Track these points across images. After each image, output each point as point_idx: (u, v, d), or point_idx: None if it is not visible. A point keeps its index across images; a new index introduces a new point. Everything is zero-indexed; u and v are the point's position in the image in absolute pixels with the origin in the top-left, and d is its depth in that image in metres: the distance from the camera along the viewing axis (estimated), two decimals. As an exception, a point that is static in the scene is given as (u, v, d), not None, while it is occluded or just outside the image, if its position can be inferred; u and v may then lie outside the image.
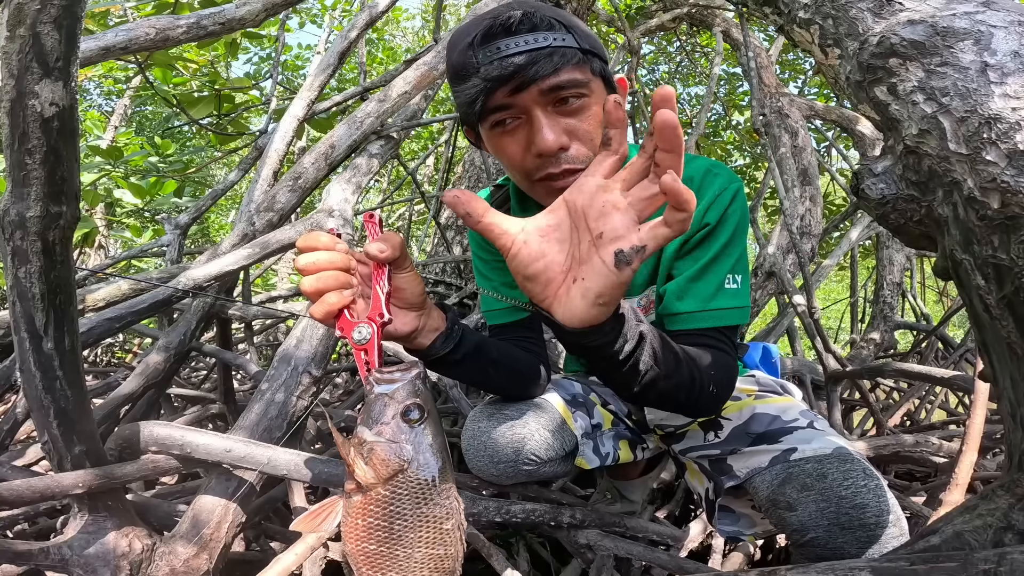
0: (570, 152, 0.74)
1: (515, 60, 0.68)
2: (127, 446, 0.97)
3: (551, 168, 0.74)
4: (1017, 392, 0.51)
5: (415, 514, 0.52)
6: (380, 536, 0.52)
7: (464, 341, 0.76)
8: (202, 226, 8.64)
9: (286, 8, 1.77)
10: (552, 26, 0.71)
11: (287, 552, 0.94)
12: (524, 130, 0.74)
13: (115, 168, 2.89)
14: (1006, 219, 0.45)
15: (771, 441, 0.85)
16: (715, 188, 0.82)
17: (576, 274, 0.54)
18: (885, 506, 0.73)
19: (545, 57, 0.69)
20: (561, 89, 0.71)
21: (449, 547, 0.53)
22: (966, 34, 0.49)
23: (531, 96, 0.71)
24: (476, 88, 0.70)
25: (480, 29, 0.71)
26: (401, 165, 2.63)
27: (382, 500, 0.52)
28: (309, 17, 6.04)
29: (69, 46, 0.65)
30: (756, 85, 1.93)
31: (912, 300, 3.59)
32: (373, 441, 0.52)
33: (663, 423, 1.02)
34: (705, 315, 0.80)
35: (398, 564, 0.52)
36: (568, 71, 0.70)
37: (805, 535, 0.75)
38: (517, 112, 0.73)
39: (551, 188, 0.75)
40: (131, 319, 1.30)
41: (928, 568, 0.47)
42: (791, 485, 0.78)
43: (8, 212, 0.69)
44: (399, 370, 0.56)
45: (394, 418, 0.53)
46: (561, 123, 0.73)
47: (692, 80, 6.23)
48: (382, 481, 0.52)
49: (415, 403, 0.54)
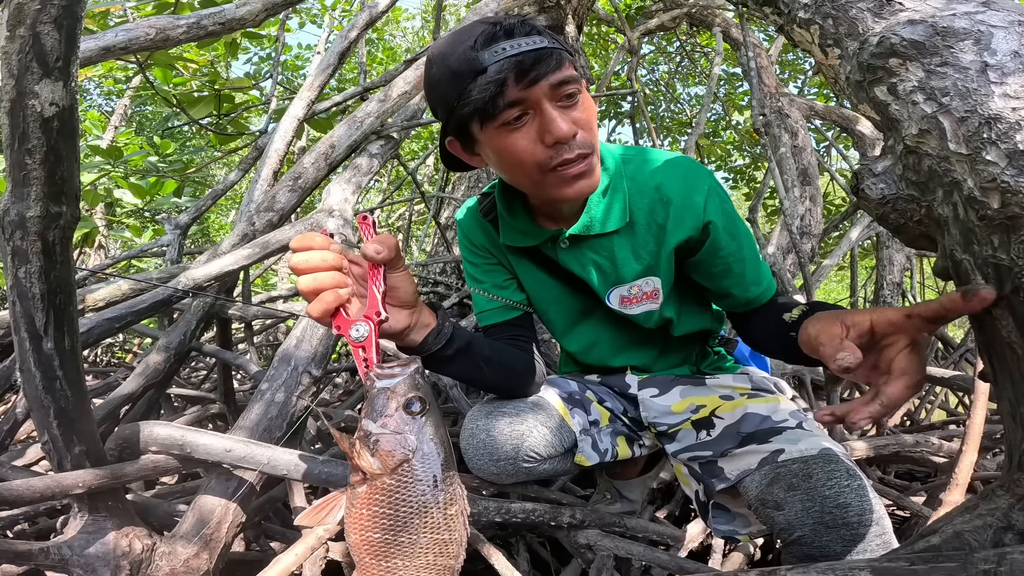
0: (578, 139, 0.78)
1: (525, 58, 0.73)
2: (127, 446, 0.97)
3: (566, 154, 0.78)
4: (1017, 392, 0.51)
5: (420, 501, 0.54)
6: (385, 524, 0.54)
7: (455, 338, 0.81)
8: (202, 226, 8.64)
9: (286, 8, 1.77)
10: (542, 32, 0.77)
11: (287, 552, 0.94)
12: (534, 124, 0.77)
13: (115, 168, 2.89)
14: (1006, 219, 0.45)
15: (760, 442, 0.88)
16: (699, 184, 0.88)
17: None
18: (868, 505, 0.76)
19: (547, 56, 0.73)
20: (565, 84, 0.75)
21: (454, 532, 0.55)
22: (966, 34, 0.49)
23: (542, 90, 0.74)
24: (491, 83, 0.73)
25: (479, 34, 0.74)
26: (401, 165, 2.63)
27: (387, 489, 0.54)
28: (309, 17, 6.04)
29: (69, 46, 0.65)
30: (756, 85, 1.93)
31: (912, 300, 3.58)
32: (378, 433, 0.54)
33: (656, 421, 1.03)
34: (766, 293, 0.93)
35: (402, 551, 0.54)
36: (566, 68, 0.76)
37: (792, 534, 0.77)
38: (528, 107, 0.76)
39: (565, 176, 0.79)
40: (131, 319, 1.30)
41: (928, 568, 0.47)
42: (778, 485, 0.80)
43: (8, 212, 0.69)
44: (398, 365, 0.58)
45: (397, 410, 0.55)
46: (568, 114, 0.77)
47: (692, 80, 6.24)
48: (388, 471, 0.53)
49: (416, 396, 0.56)
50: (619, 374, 1.10)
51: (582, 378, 1.13)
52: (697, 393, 1.02)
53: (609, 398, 1.09)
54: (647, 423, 1.05)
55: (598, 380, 1.13)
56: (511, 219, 0.97)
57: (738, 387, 1.02)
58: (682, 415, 1.00)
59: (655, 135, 3.67)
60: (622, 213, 0.90)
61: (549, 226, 0.95)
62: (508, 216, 0.97)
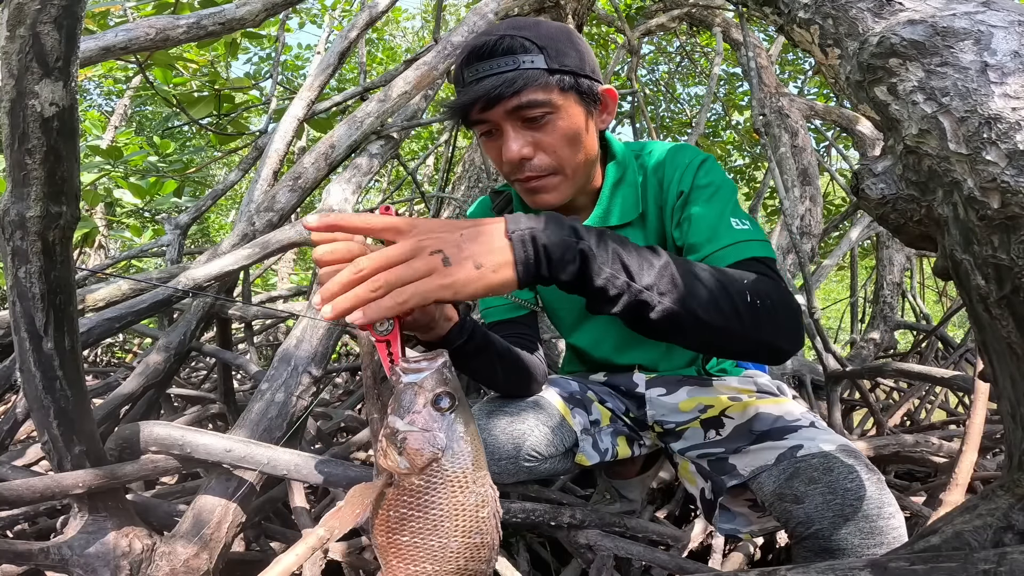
0: (534, 162, 0.83)
1: (485, 84, 0.78)
2: (127, 446, 0.97)
3: (518, 175, 0.85)
4: (1017, 392, 0.51)
5: (451, 503, 0.51)
6: (414, 527, 0.51)
7: (475, 333, 0.81)
8: (202, 226, 8.64)
9: (286, 8, 1.77)
10: (526, 49, 0.78)
11: (287, 552, 0.94)
12: (500, 139, 0.83)
13: (115, 168, 2.89)
14: (1006, 219, 0.45)
15: (776, 439, 0.88)
16: (682, 159, 0.92)
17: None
18: (887, 498, 0.77)
19: (509, 82, 0.77)
20: (524, 108, 0.79)
21: (486, 536, 0.52)
22: (966, 34, 0.49)
23: (498, 113, 0.80)
24: (460, 99, 0.81)
25: (467, 50, 0.81)
26: (401, 165, 2.63)
27: (416, 490, 0.51)
28: (309, 17, 6.03)
29: (69, 46, 0.65)
30: (756, 85, 1.93)
31: (912, 300, 3.58)
32: (406, 431, 0.51)
33: (663, 419, 1.03)
34: (722, 253, 0.80)
35: (433, 555, 0.51)
36: (530, 92, 0.78)
37: (810, 527, 0.78)
38: (493, 125, 0.82)
39: (523, 188, 0.88)
40: (131, 319, 1.30)
41: (928, 568, 0.47)
42: (799, 479, 0.81)
43: (8, 212, 0.69)
44: (425, 359, 0.54)
45: (425, 407, 0.52)
46: (527, 136, 0.82)
47: (692, 80, 6.24)
48: (416, 470, 0.51)
49: (445, 391, 0.52)
50: (626, 373, 1.10)
51: (585, 378, 1.13)
52: (704, 394, 1.02)
53: (611, 398, 1.09)
54: (652, 422, 1.05)
55: (603, 380, 1.13)
56: (524, 211, 1.00)
57: (744, 389, 1.03)
58: (690, 414, 1.01)
59: (655, 135, 3.67)
60: (634, 204, 0.94)
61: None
62: (523, 209, 1.00)
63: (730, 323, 0.64)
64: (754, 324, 0.66)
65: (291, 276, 6.65)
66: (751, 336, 0.66)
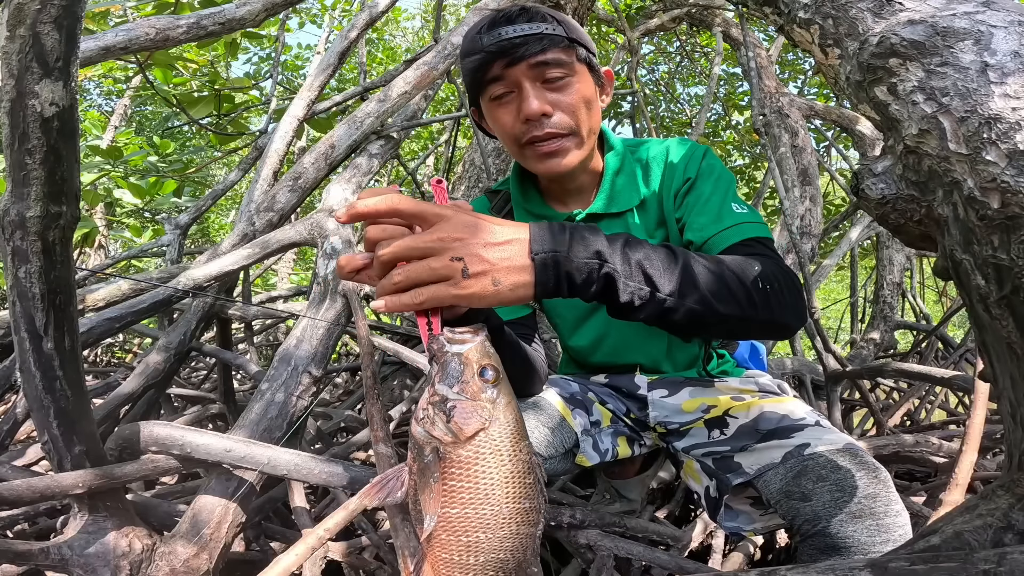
0: (553, 119, 0.85)
1: (511, 40, 0.81)
2: (127, 446, 0.97)
3: (536, 131, 0.85)
4: (1017, 392, 0.51)
5: (501, 472, 0.52)
6: (464, 498, 0.51)
7: (492, 317, 0.80)
8: (202, 226, 8.63)
9: (286, 8, 1.77)
10: (545, 19, 0.84)
11: (287, 552, 0.94)
12: (516, 101, 0.85)
13: (115, 168, 2.89)
14: (1006, 219, 0.45)
15: (782, 437, 0.88)
16: (686, 149, 0.96)
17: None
18: (894, 496, 0.78)
19: (535, 39, 0.81)
20: (546, 66, 0.82)
21: (534, 500, 0.53)
22: (966, 34, 0.49)
23: (521, 70, 0.82)
24: (478, 59, 0.83)
25: (487, 20, 0.85)
26: (401, 165, 2.63)
27: (464, 461, 0.51)
28: (309, 17, 6.04)
29: (69, 46, 0.65)
30: (756, 85, 1.93)
31: (912, 300, 3.59)
32: (456, 400, 0.52)
33: (666, 420, 1.03)
34: (725, 233, 0.84)
35: (485, 524, 0.51)
36: (554, 52, 0.82)
37: (816, 525, 0.78)
38: (510, 84, 0.84)
39: (537, 152, 0.87)
40: (131, 319, 1.30)
41: (928, 568, 0.47)
42: (807, 477, 0.81)
43: (8, 212, 0.69)
44: (468, 332, 0.55)
45: (472, 377, 0.53)
46: (547, 95, 0.84)
47: (692, 80, 6.24)
48: (463, 440, 0.51)
49: (490, 363, 0.54)
50: (627, 374, 1.10)
51: (586, 379, 1.12)
52: (707, 394, 1.02)
53: (612, 399, 1.09)
54: (654, 423, 1.05)
55: (605, 381, 1.12)
56: (524, 203, 1.02)
57: (746, 389, 1.03)
58: (693, 414, 1.01)
59: (655, 135, 3.66)
60: (635, 192, 0.97)
61: (561, 209, 1.00)
62: (522, 200, 1.02)
63: (746, 312, 0.68)
64: (767, 308, 0.70)
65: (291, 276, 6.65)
66: (765, 319, 0.71)
